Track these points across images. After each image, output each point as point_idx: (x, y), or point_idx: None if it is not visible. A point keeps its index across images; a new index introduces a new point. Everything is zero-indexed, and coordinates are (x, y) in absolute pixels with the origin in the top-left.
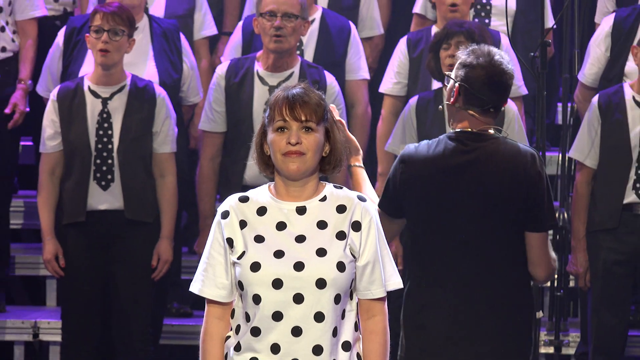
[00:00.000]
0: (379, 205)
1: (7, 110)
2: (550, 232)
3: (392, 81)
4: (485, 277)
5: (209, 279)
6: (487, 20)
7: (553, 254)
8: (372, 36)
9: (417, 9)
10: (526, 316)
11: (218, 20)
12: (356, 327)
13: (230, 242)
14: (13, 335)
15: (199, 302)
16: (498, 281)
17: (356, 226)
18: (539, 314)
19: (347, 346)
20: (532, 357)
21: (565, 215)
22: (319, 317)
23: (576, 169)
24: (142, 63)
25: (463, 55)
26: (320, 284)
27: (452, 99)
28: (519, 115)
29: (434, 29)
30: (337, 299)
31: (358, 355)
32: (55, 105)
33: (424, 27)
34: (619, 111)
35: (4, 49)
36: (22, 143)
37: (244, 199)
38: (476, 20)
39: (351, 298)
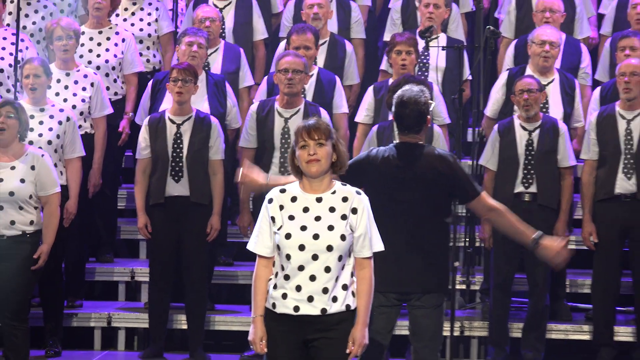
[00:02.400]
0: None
1: (120, 130)
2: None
3: (363, 114)
4: (417, 231)
5: (259, 242)
6: (426, 74)
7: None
8: (352, 84)
9: (382, 66)
10: (445, 257)
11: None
12: (352, 275)
13: (273, 219)
14: (118, 277)
15: (238, 256)
16: (426, 234)
17: (354, 211)
18: (456, 264)
19: (345, 287)
20: (451, 290)
21: None
22: (327, 269)
23: (484, 171)
24: (200, 102)
25: (398, 94)
26: (329, 248)
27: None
28: (443, 136)
29: (390, 80)
30: (340, 258)
31: (353, 292)
32: (147, 128)
33: (384, 80)
34: (511, 133)
35: (116, 94)
36: (125, 154)
37: (283, 191)
38: (419, 73)
39: (349, 256)
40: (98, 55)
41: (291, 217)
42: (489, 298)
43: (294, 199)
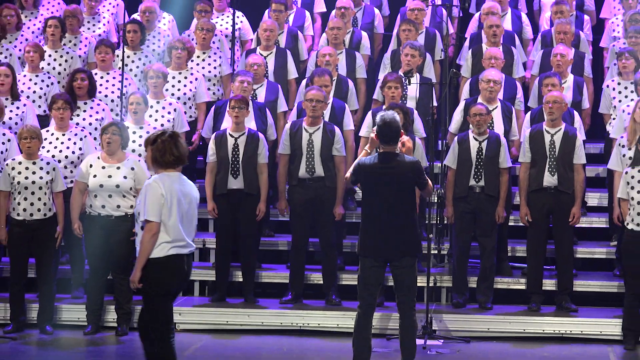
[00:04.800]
0: (351, 177)
1: (192, 140)
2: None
3: (364, 130)
4: (393, 214)
5: None
6: (405, 102)
7: (430, 183)
8: (356, 109)
9: (375, 96)
10: (414, 231)
11: (286, 100)
12: None
13: None
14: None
15: (278, 230)
16: (401, 215)
17: None
18: (430, 236)
19: None
20: (426, 255)
21: (443, 190)
22: None
23: (447, 170)
24: (248, 122)
25: (377, 117)
26: None
27: (376, 139)
28: (421, 145)
29: (384, 107)
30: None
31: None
32: (214, 141)
33: (378, 106)
34: (466, 143)
35: (190, 116)
36: (198, 159)
37: None
38: (401, 102)
39: None
40: (178, 89)
41: None
42: (453, 259)
43: None
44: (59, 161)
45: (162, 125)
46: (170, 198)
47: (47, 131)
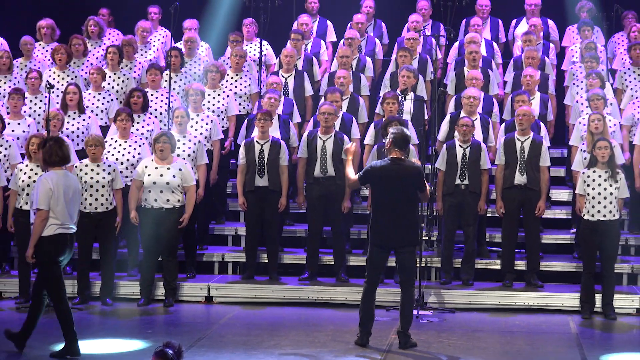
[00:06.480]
0: (359, 178)
1: (225, 146)
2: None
3: (368, 139)
4: (399, 210)
5: None
6: (402, 115)
7: (428, 189)
8: (363, 122)
9: (377, 110)
10: (416, 224)
11: (303, 114)
12: None
13: None
14: (228, 232)
15: (297, 220)
16: (405, 212)
17: None
18: (422, 225)
19: None
20: (419, 240)
21: (434, 188)
22: None
23: (437, 171)
24: (275, 131)
25: (392, 129)
26: None
27: (388, 145)
28: (415, 151)
29: (383, 119)
30: None
31: None
32: (244, 147)
33: (379, 119)
34: (453, 149)
35: (223, 127)
36: (231, 161)
37: None
38: (397, 114)
39: None
40: (213, 104)
41: None
42: (442, 244)
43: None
44: (121, 163)
45: (200, 133)
46: (57, 191)
47: (112, 139)
